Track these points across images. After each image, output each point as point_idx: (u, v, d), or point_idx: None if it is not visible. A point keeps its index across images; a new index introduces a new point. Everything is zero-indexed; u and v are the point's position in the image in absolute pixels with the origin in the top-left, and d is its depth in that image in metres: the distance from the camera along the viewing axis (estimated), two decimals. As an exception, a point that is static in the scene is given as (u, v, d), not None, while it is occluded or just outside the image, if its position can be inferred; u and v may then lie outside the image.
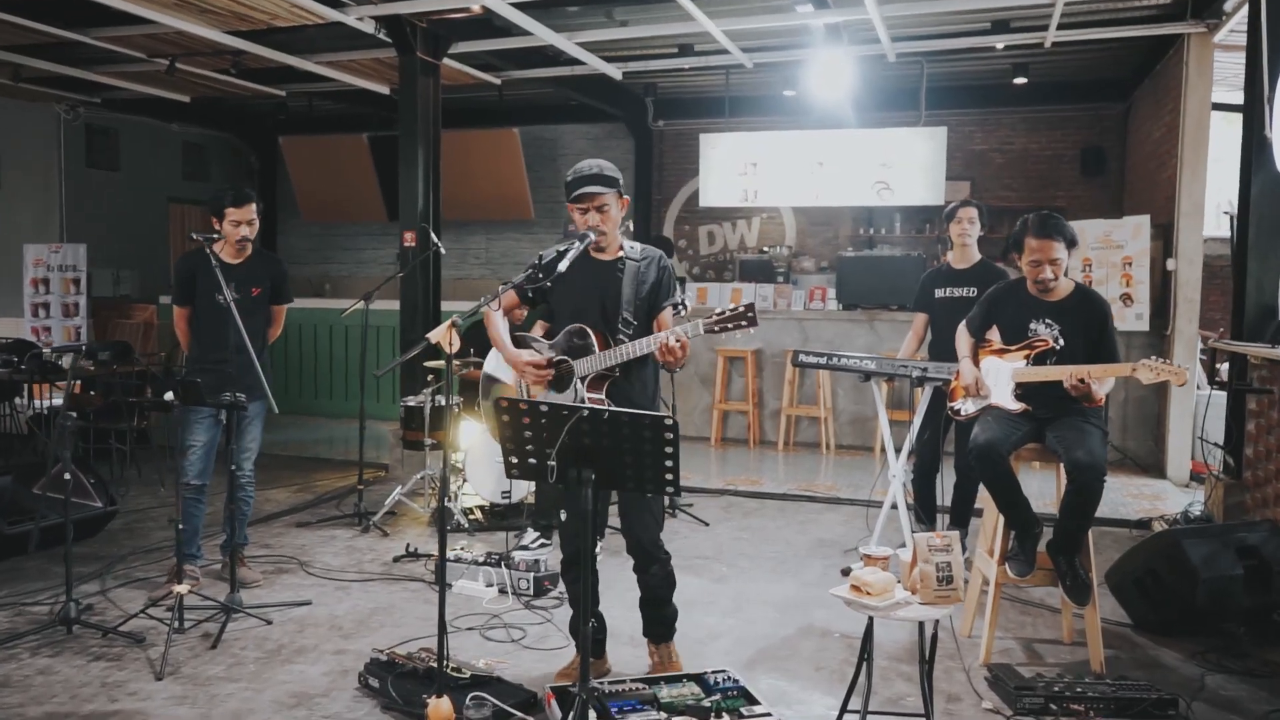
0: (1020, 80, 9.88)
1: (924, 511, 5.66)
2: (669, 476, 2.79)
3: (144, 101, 11.22)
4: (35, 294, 11.20)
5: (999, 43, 8.32)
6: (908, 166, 9.23)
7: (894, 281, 8.99)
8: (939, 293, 5.56)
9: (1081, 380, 3.82)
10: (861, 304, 9.13)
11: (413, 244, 7.59)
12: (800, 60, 8.66)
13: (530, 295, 3.68)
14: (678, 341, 3.23)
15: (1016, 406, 4.09)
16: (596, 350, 3.44)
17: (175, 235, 13.21)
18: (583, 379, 3.45)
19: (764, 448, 9.01)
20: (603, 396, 3.48)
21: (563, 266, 3.35)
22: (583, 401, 3.41)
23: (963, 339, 4.46)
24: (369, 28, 7.34)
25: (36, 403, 8.20)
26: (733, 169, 9.75)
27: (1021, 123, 11.50)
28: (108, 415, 7.50)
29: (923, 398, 5.15)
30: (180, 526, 4.37)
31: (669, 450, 2.73)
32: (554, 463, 2.80)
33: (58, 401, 8.05)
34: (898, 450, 5.34)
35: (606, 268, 3.58)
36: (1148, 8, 7.66)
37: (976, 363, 4.31)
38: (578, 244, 3.43)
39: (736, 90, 10.84)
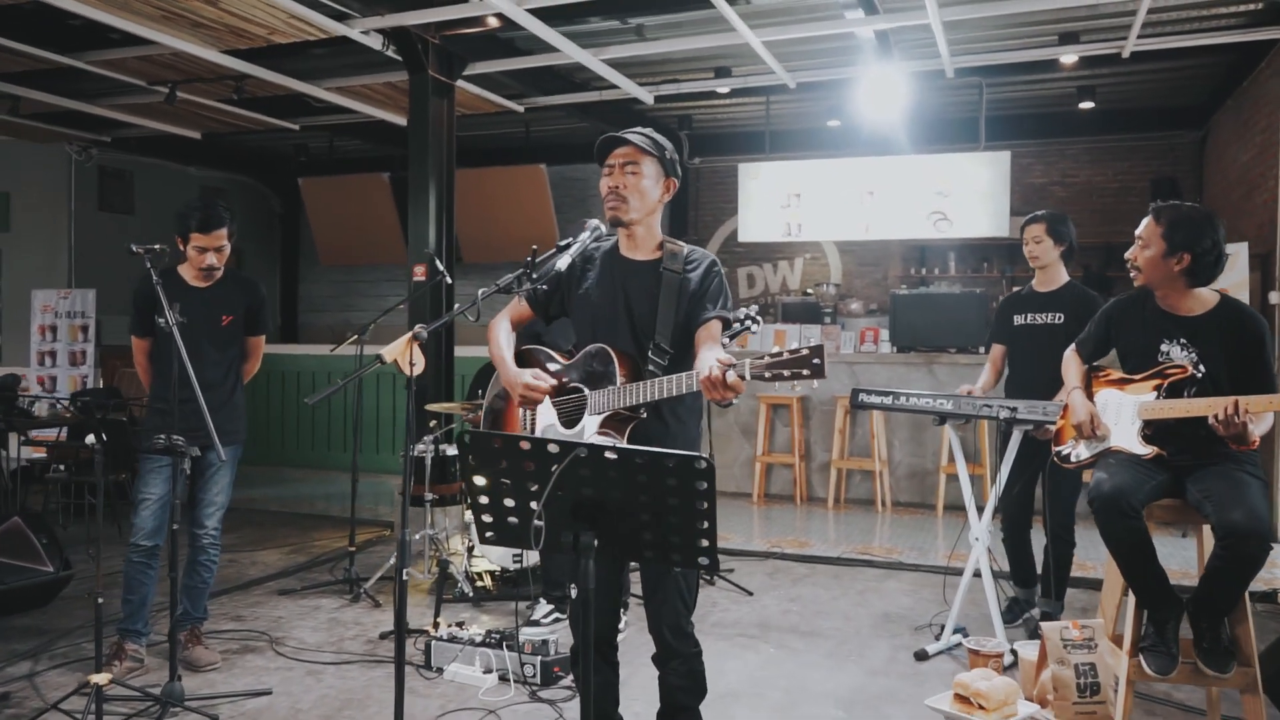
0: (1086, 105, 9.09)
1: (1020, 576, 4.79)
2: (703, 543, 1.99)
3: (159, 142, 10.77)
4: (42, 341, 10.67)
5: (1069, 54, 7.54)
6: (967, 195, 8.43)
7: (954, 321, 8.14)
8: (1018, 319, 4.76)
9: (1234, 415, 2.96)
10: (918, 346, 8.27)
11: (423, 278, 6.89)
12: (848, 78, 7.93)
13: (543, 304, 2.91)
14: (722, 372, 2.39)
15: (1145, 450, 3.22)
16: (619, 381, 2.65)
17: (191, 281, 12.68)
18: (597, 416, 2.66)
19: (812, 505, 8.12)
20: (622, 442, 2.68)
21: (562, 264, 2.58)
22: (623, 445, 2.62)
23: (1071, 366, 3.62)
24: (376, 43, 6.73)
25: (23, 453, 7.55)
26: (774, 201, 9.01)
27: (1085, 154, 10.67)
28: (87, 468, 6.81)
29: (1012, 443, 4.29)
30: (128, 596, 3.63)
31: (703, 505, 1.92)
32: (541, 522, 2.00)
33: (39, 454, 7.41)
34: (980, 506, 4.48)
35: (640, 271, 2.80)
36: (1235, 15, 6.87)
37: (1090, 395, 3.46)
38: (585, 233, 2.66)
39: (778, 122, 10.15)
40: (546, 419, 2.83)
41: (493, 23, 6.78)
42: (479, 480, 2.06)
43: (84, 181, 11.26)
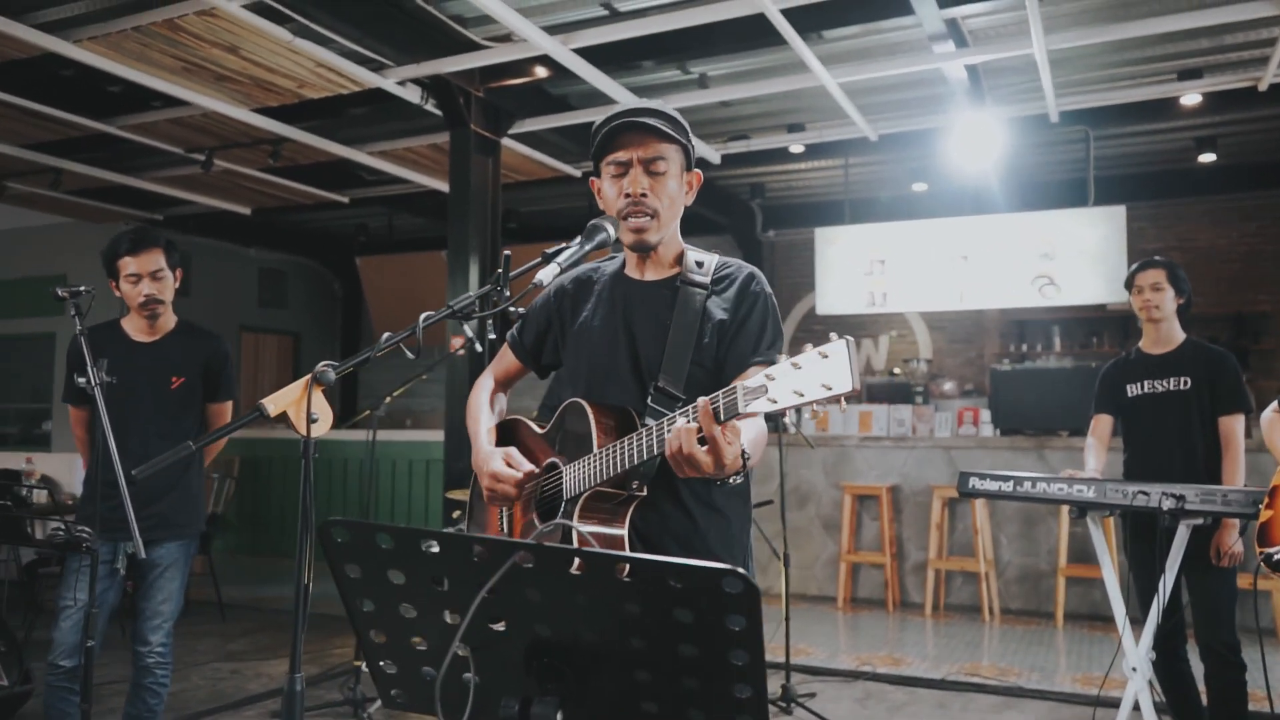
0: (1207, 158, 8.11)
1: (1183, 710, 3.73)
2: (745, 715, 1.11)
3: (216, 222, 10.47)
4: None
5: (1191, 94, 6.62)
6: (1077, 257, 7.47)
7: (1065, 399, 7.10)
8: (1133, 389, 3.88)
9: None
10: (1025, 428, 7.24)
11: (462, 351, 6.18)
12: (936, 128, 7.11)
13: (532, 347, 2.14)
14: (694, 425, 1.60)
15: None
16: (594, 444, 1.83)
17: (246, 366, 12.30)
18: (571, 502, 1.83)
19: (907, 611, 7.03)
20: (620, 533, 1.83)
21: (545, 275, 1.77)
22: (572, 545, 1.77)
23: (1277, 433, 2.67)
24: (414, 96, 6.17)
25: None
26: (856, 268, 8.15)
27: (1205, 214, 9.61)
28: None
29: (1178, 541, 3.30)
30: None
31: (740, 657, 1.05)
32: (472, 675, 1.16)
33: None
34: (1137, 619, 3.47)
35: (650, 293, 2.01)
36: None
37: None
38: (580, 241, 1.86)
39: (858, 189, 9.36)
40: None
41: (540, 72, 6.18)
42: (366, 606, 1.23)
43: (139, 263, 11.00)
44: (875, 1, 5.31)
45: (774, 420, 5.46)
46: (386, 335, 1.78)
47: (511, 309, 1.78)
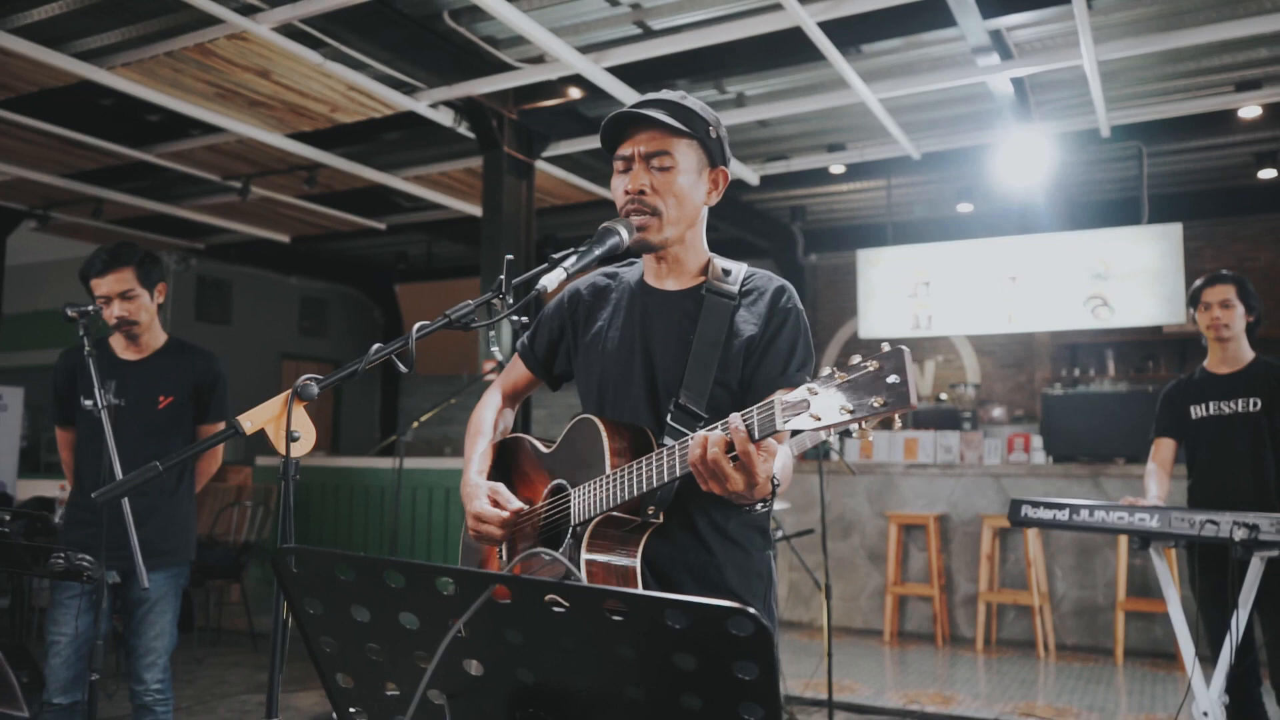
0: (1267, 174, 7.81)
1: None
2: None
3: (257, 251, 10.56)
4: (130, 455, 10.37)
5: (1250, 106, 6.36)
6: (1132, 277, 7.19)
7: (1121, 425, 6.81)
8: (1197, 411, 3.64)
9: None
10: (1079, 455, 6.94)
11: (494, 375, 6.06)
12: (982, 145, 6.91)
13: (544, 357, 1.99)
14: (721, 447, 1.46)
15: None
16: (608, 465, 1.67)
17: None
18: (580, 527, 1.67)
19: (956, 647, 6.74)
20: (632, 564, 1.67)
21: (550, 281, 1.62)
22: (580, 577, 1.61)
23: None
24: (446, 119, 6.12)
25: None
26: (899, 290, 7.93)
27: (1267, 233, 9.25)
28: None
29: (1252, 574, 3.05)
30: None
31: (753, 703, 0.88)
32: (448, 728, 1.00)
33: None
34: (1205, 658, 3.22)
35: (671, 304, 1.85)
36: None
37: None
38: (590, 245, 1.71)
39: (900, 211, 9.16)
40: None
41: (573, 93, 6.10)
42: (330, 647, 1.08)
43: (182, 291, 11.11)
44: (916, 14, 5.14)
45: (816, 446, 5.26)
46: (376, 347, 1.63)
47: (513, 318, 1.64)
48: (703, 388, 1.72)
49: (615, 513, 1.62)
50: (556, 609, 0.90)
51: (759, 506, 1.54)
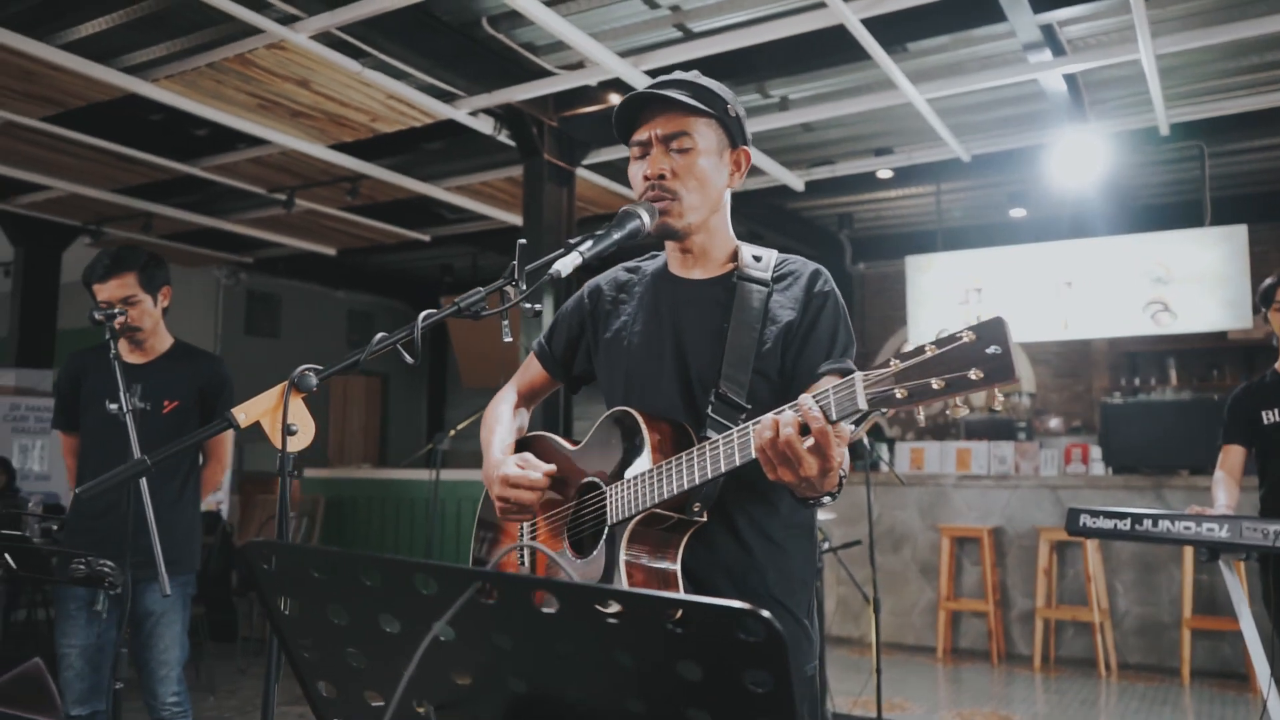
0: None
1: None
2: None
3: (306, 265, 10.64)
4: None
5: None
6: (1195, 281, 6.92)
7: (1184, 435, 6.56)
8: (1268, 416, 3.49)
9: None
10: (1140, 466, 6.69)
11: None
12: (1034, 146, 6.71)
13: (561, 357, 1.91)
14: (795, 428, 1.36)
15: None
16: (649, 462, 1.56)
17: (335, 407, 12.42)
18: (619, 526, 1.57)
19: (1013, 664, 6.51)
20: (673, 568, 1.57)
21: (562, 267, 1.53)
22: (620, 580, 1.51)
23: None
24: (486, 127, 6.08)
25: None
26: (950, 297, 7.73)
27: (1336, 236, 8.90)
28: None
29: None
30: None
31: (764, 712, 0.77)
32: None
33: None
34: (1278, 678, 3.02)
35: (700, 293, 1.76)
36: None
37: None
38: (609, 229, 1.63)
39: (951, 217, 8.95)
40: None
41: (614, 99, 6.02)
42: (308, 652, 0.99)
43: (232, 305, 11.24)
44: (964, 9, 4.99)
45: (864, 457, 5.10)
46: (380, 336, 1.57)
47: (526, 305, 1.55)
48: (742, 378, 1.62)
49: (658, 509, 1.52)
50: (545, 610, 0.80)
51: (825, 499, 1.44)
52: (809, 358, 1.66)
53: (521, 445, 1.89)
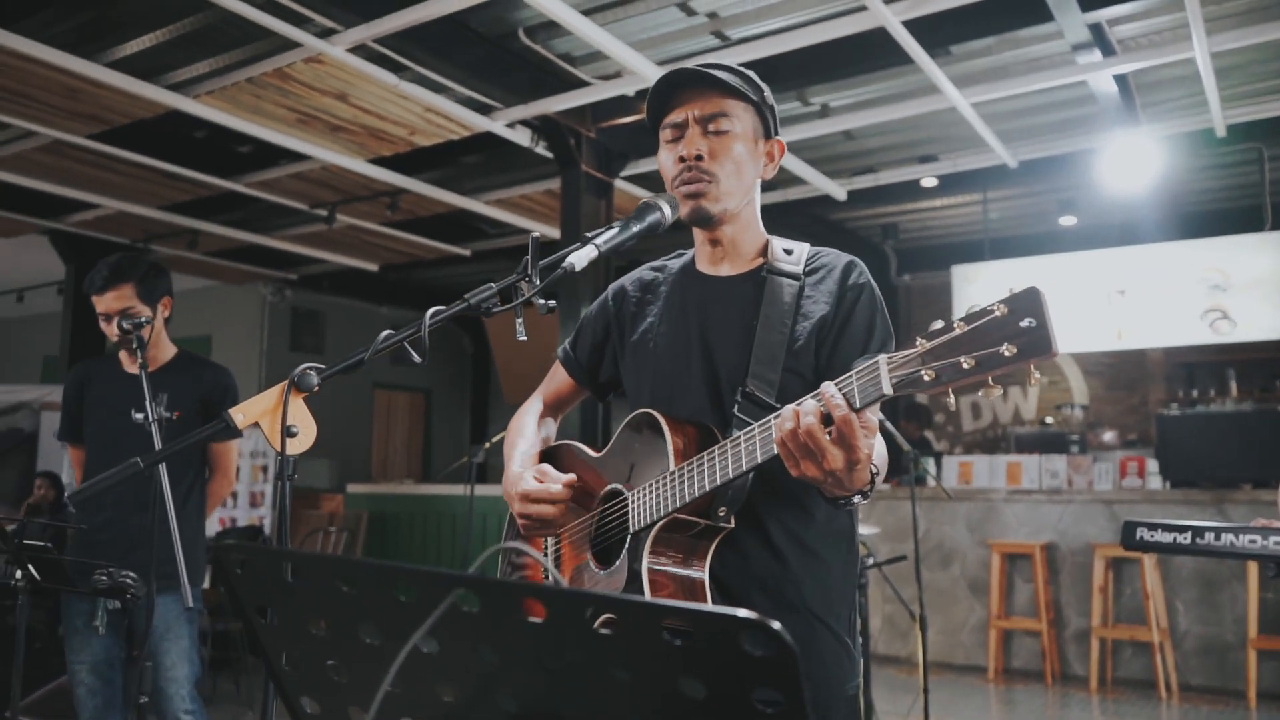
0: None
1: None
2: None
3: (349, 281, 10.73)
4: (227, 482, 10.59)
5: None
6: (1255, 288, 6.68)
7: (1247, 447, 6.31)
8: None
9: None
10: (1199, 480, 6.44)
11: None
12: (1084, 150, 6.53)
13: (586, 362, 1.83)
14: (817, 417, 1.27)
15: None
16: (671, 461, 1.48)
17: (379, 422, 12.48)
18: (642, 533, 1.49)
19: (1068, 685, 6.28)
20: (700, 576, 1.48)
21: (577, 260, 1.46)
22: (644, 590, 1.43)
23: None
24: (524, 139, 6.06)
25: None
26: (998, 307, 7.53)
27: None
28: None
29: None
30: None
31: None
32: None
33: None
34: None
35: (728, 290, 1.68)
36: None
37: None
38: (627, 221, 1.55)
39: (998, 225, 8.76)
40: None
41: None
42: (288, 664, 0.91)
43: (277, 322, 11.35)
44: (1008, 9, 4.86)
45: (908, 471, 4.94)
46: (386, 333, 1.50)
47: (539, 300, 1.47)
48: (772, 376, 1.53)
49: (681, 515, 1.44)
50: (534, 620, 0.72)
51: (856, 499, 1.34)
52: (844, 353, 1.58)
53: (546, 456, 1.82)
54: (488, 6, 4.90)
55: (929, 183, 7.42)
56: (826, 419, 1.26)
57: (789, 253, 1.67)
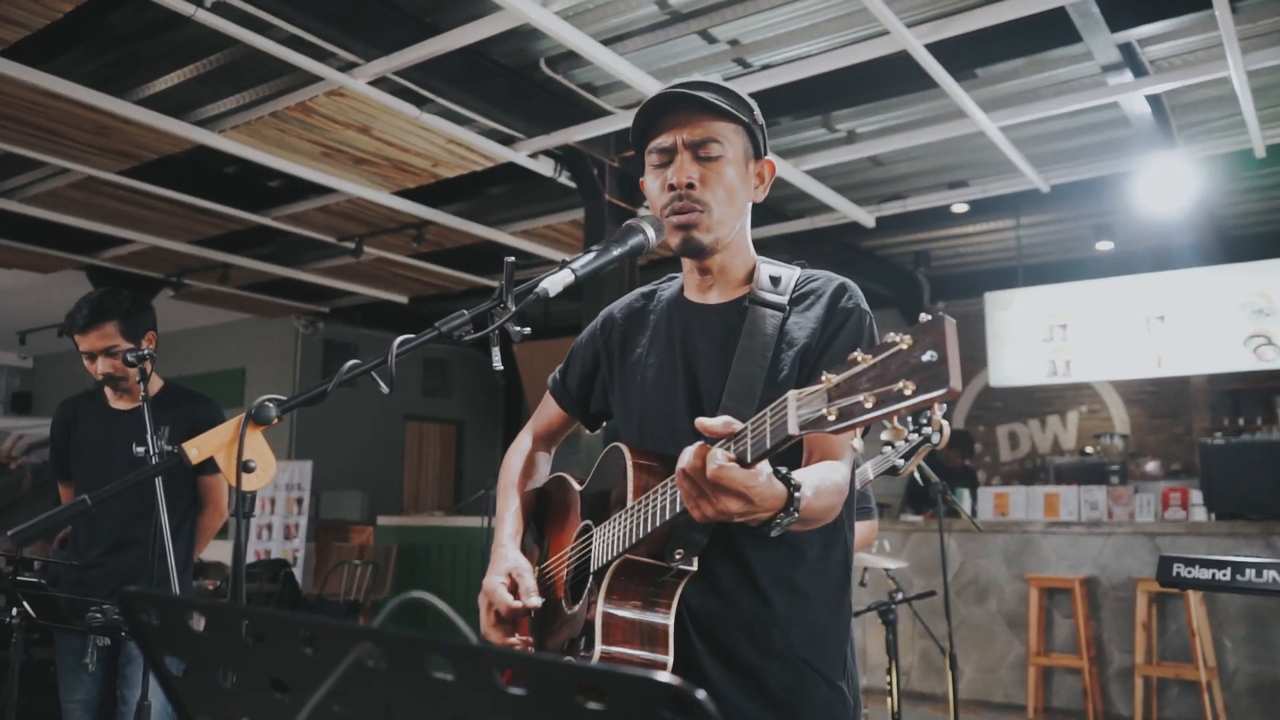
0: None
1: None
2: None
3: (381, 314, 10.78)
4: (260, 514, 10.61)
5: None
6: (1299, 312, 6.47)
7: (1296, 478, 6.08)
8: None
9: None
10: (1246, 512, 6.21)
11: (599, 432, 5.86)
12: (1118, 173, 6.39)
13: (576, 393, 1.76)
14: (703, 461, 1.22)
15: None
16: (629, 498, 1.42)
17: (410, 454, 12.48)
18: (600, 573, 1.41)
19: (1111, 726, 6.05)
20: (662, 622, 1.40)
21: (550, 286, 1.41)
22: (596, 635, 1.35)
23: None
24: (547, 169, 6.04)
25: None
26: (1033, 334, 7.39)
27: None
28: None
29: None
30: None
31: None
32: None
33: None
34: None
35: (713, 319, 1.61)
36: None
37: None
38: (607, 244, 1.49)
39: (1031, 251, 8.61)
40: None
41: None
42: (202, 717, 0.84)
43: (309, 355, 11.41)
44: (1035, 31, 4.76)
45: (944, 502, 4.80)
46: (351, 363, 1.44)
47: (514, 327, 1.41)
48: (745, 410, 1.45)
49: (635, 556, 1.36)
50: (439, 675, 0.64)
51: (780, 519, 1.24)
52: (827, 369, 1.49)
53: (540, 495, 1.75)
54: (508, 38, 4.90)
55: (960, 208, 7.30)
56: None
57: (775, 280, 1.60)
